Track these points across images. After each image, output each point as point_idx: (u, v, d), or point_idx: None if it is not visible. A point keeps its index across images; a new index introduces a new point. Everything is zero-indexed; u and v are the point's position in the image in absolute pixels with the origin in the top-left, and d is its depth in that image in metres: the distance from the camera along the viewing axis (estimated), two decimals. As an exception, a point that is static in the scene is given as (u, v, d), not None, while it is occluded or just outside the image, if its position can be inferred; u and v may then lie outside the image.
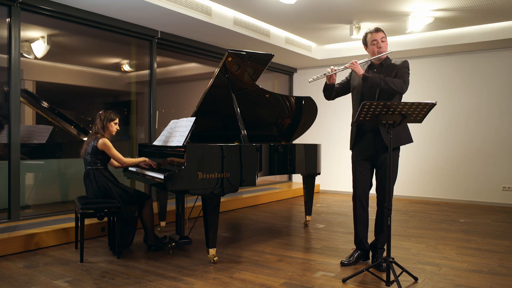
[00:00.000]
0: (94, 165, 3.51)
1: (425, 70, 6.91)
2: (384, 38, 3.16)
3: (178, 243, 3.56)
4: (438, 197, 6.79)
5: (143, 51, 5.49)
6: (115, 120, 3.64)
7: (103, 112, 3.62)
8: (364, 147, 3.22)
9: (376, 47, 3.14)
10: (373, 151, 3.18)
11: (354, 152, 3.31)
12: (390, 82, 2.99)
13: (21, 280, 2.88)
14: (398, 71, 3.10)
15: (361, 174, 3.24)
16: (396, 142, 3.09)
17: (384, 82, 3.00)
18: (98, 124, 3.57)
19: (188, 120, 3.55)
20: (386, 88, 3.01)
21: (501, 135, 6.32)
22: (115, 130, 3.65)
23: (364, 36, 3.24)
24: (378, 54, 3.13)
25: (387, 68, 3.14)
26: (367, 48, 3.24)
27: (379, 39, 3.13)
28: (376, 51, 3.15)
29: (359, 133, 3.23)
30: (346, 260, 3.27)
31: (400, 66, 3.11)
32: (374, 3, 4.96)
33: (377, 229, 3.25)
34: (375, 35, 3.15)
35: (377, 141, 3.12)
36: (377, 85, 3.02)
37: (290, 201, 6.72)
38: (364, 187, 3.24)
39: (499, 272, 3.10)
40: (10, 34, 4.03)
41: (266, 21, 5.79)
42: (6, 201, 4.08)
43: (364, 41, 3.24)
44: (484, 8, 5.06)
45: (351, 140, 3.30)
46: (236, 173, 3.33)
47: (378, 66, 3.20)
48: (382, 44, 3.14)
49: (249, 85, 4.07)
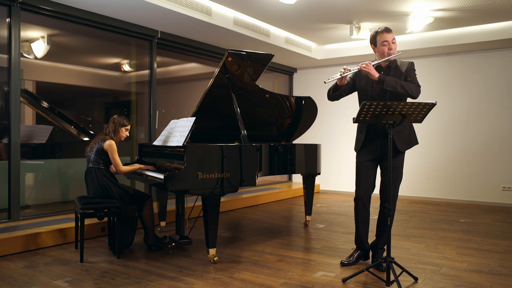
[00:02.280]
0: (96, 164, 3.51)
1: (425, 70, 6.90)
2: (394, 39, 3.09)
3: (178, 243, 3.56)
4: (438, 197, 6.79)
5: (143, 51, 5.49)
6: (126, 126, 3.69)
7: (117, 117, 3.68)
8: (371, 149, 3.17)
9: (387, 48, 3.06)
10: (380, 153, 3.14)
11: (360, 154, 3.25)
12: (406, 86, 2.94)
13: (21, 280, 2.88)
14: (407, 74, 3.03)
15: (366, 176, 3.20)
16: (405, 146, 3.09)
17: (400, 86, 2.94)
18: (110, 127, 3.62)
19: (188, 120, 3.55)
20: (402, 92, 2.95)
21: (501, 135, 6.32)
22: (124, 136, 3.70)
23: (373, 35, 3.13)
24: (388, 56, 3.05)
25: (395, 70, 3.09)
26: (375, 48, 3.13)
27: (390, 40, 3.05)
28: (387, 52, 3.06)
29: (370, 136, 3.16)
30: (346, 260, 3.26)
31: (409, 69, 3.05)
32: (374, 3, 4.96)
33: (379, 230, 3.24)
34: (386, 36, 3.05)
35: (385, 144, 3.06)
36: (394, 89, 2.95)
37: (290, 201, 6.72)
38: (367, 188, 3.22)
39: (499, 272, 3.10)
40: (10, 34, 4.03)
41: (266, 21, 5.79)
42: (6, 201, 4.08)
43: (373, 40, 3.13)
44: (484, 8, 5.06)
45: (359, 142, 3.23)
46: (236, 173, 3.33)
47: (385, 68, 3.14)
48: (393, 45, 3.07)
49: (249, 85, 4.07)
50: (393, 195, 3.09)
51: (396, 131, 2.97)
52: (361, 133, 3.22)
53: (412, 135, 3.15)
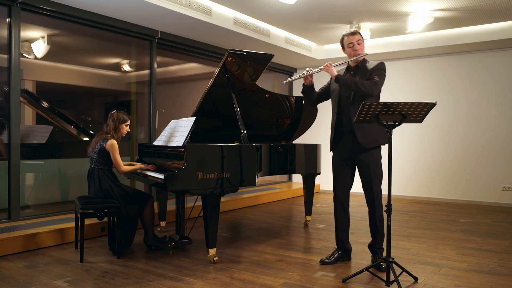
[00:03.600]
0: (99, 164, 3.51)
1: (425, 70, 6.91)
2: (361, 40, 3.21)
3: (178, 243, 3.56)
4: (438, 197, 6.79)
5: (143, 51, 5.49)
6: (127, 122, 3.64)
7: (116, 113, 3.60)
8: (343, 148, 3.27)
9: (352, 49, 3.20)
10: (352, 152, 3.22)
11: (334, 154, 3.37)
12: (360, 84, 3.04)
13: (21, 280, 2.88)
14: (372, 72, 3.14)
15: (341, 175, 3.31)
16: (372, 143, 3.15)
17: (354, 84, 3.05)
18: (110, 125, 3.56)
19: (188, 120, 3.55)
20: (356, 90, 3.07)
21: (501, 135, 6.32)
22: (125, 131, 3.66)
23: (341, 38, 3.30)
24: (354, 57, 3.19)
25: (363, 70, 3.20)
26: (344, 50, 3.29)
27: (355, 41, 3.19)
28: (352, 53, 3.21)
29: (338, 135, 3.28)
30: (326, 258, 3.32)
31: (375, 68, 3.15)
32: (374, 3, 4.96)
33: (372, 231, 3.25)
34: (351, 38, 3.20)
35: (356, 142, 3.16)
36: (348, 87, 3.08)
37: (290, 201, 6.72)
38: (344, 188, 3.31)
39: (499, 272, 3.10)
40: (10, 34, 4.03)
41: (266, 21, 5.79)
42: (6, 201, 4.08)
43: (342, 43, 3.30)
44: (484, 8, 5.06)
45: (330, 142, 3.36)
46: (236, 173, 3.33)
47: (354, 69, 3.26)
48: (358, 46, 3.19)
49: (249, 85, 4.07)
50: (376, 194, 3.16)
51: (359, 127, 3.09)
52: (331, 132, 3.35)
53: (381, 133, 3.15)
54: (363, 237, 4.13)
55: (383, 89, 3.22)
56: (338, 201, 3.33)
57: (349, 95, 3.18)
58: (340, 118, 3.26)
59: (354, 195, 3.52)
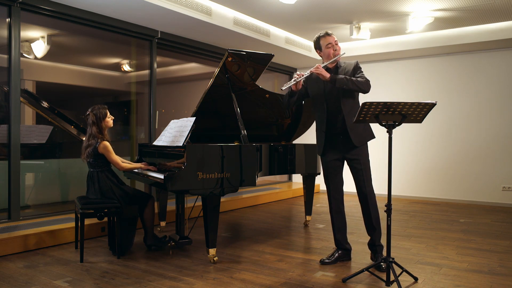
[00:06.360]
0: (98, 167, 3.51)
1: (425, 70, 6.91)
2: (337, 41, 3.24)
3: (178, 243, 3.56)
4: (438, 197, 6.79)
5: (143, 51, 5.49)
6: (106, 114, 3.57)
7: (92, 115, 3.51)
8: (334, 149, 3.27)
9: (332, 50, 3.20)
10: (344, 151, 3.24)
11: (324, 156, 3.33)
12: (357, 82, 3.05)
13: (21, 280, 2.88)
14: (355, 71, 3.17)
15: (335, 175, 3.31)
16: (363, 141, 3.19)
17: (352, 82, 3.05)
18: (93, 129, 3.48)
19: (188, 120, 3.55)
20: (354, 88, 3.06)
21: (501, 135, 6.32)
22: (111, 122, 3.60)
23: (316, 40, 3.28)
24: (334, 57, 3.19)
25: (343, 71, 3.22)
26: (320, 52, 3.28)
27: (333, 42, 3.21)
28: (332, 53, 3.21)
29: (329, 138, 3.26)
30: (326, 258, 3.32)
31: (355, 67, 3.19)
32: (374, 3, 4.96)
33: (368, 229, 3.26)
34: (329, 39, 3.21)
35: (346, 141, 3.19)
36: (346, 86, 3.06)
37: (290, 201, 6.72)
38: (339, 186, 3.34)
39: (499, 272, 3.10)
40: (10, 34, 4.03)
41: (266, 21, 5.79)
42: (6, 201, 4.08)
43: (317, 45, 3.28)
44: (484, 8, 5.06)
45: (320, 146, 3.32)
46: (236, 173, 3.33)
47: (334, 69, 3.25)
48: (337, 47, 3.22)
49: (249, 85, 4.07)
50: (369, 189, 3.19)
51: (353, 127, 3.12)
52: (321, 136, 3.31)
53: (367, 131, 3.24)
54: (362, 237, 4.12)
55: (383, 89, 3.22)
56: (334, 201, 3.33)
57: (338, 95, 3.16)
58: (330, 121, 3.22)
59: (353, 195, 3.52)
